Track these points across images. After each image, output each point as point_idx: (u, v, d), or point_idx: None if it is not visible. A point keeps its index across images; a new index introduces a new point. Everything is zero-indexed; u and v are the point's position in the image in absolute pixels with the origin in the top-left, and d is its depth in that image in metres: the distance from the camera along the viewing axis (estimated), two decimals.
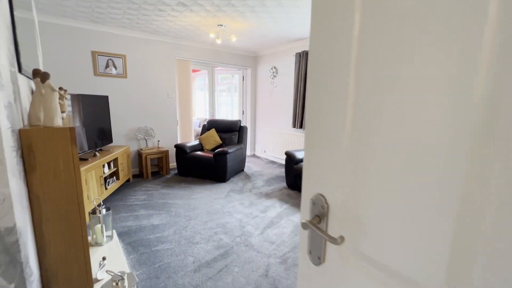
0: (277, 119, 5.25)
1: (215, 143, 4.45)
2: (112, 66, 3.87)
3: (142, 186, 3.71)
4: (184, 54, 4.57)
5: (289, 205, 3.07)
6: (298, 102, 4.50)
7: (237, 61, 5.34)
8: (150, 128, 4.30)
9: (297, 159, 3.50)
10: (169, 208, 2.95)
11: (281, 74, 5.02)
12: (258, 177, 4.24)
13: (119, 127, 4.06)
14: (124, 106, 4.07)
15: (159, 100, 4.41)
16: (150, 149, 4.22)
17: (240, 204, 3.09)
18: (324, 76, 0.52)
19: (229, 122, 4.59)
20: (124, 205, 3.01)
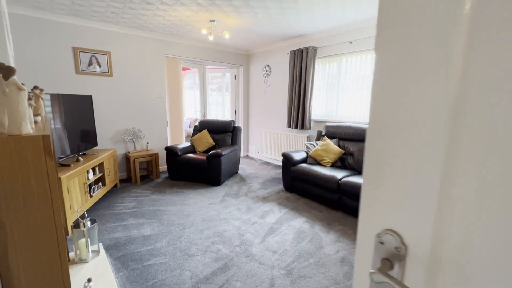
0: (271, 119, 5.11)
1: (208, 144, 4.26)
2: (95, 64, 3.61)
3: (131, 192, 3.48)
4: (173, 51, 4.35)
5: (288, 209, 2.94)
6: (293, 102, 4.38)
7: (229, 59, 5.16)
8: (138, 129, 4.06)
9: (295, 161, 3.38)
10: (161, 215, 2.75)
11: (275, 72, 4.89)
12: (253, 179, 4.08)
13: (104, 129, 3.79)
14: (110, 107, 3.81)
15: (147, 100, 4.17)
16: (138, 152, 3.98)
17: (237, 210, 2.93)
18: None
19: (222, 122, 4.41)
20: (111, 214, 2.78)
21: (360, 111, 3.69)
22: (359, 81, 3.64)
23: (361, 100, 3.66)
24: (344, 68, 3.83)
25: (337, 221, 2.67)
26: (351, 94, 3.79)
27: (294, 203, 3.12)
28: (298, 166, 3.32)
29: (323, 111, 4.20)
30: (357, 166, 3.22)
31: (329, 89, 4.06)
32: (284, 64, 4.66)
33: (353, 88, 3.74)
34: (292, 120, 4.45)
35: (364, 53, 3.53)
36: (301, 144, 4.41)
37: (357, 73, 3.66)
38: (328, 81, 4.06)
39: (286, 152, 3.49)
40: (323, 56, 4.02)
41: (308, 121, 4.22)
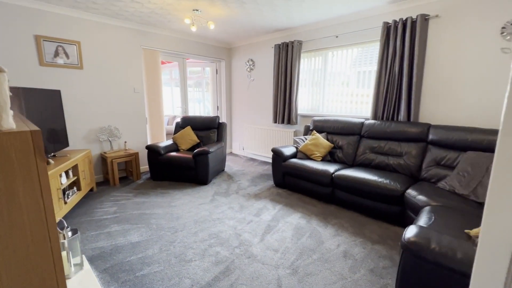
0: (255, 114, 5.01)
1: (192, 142, 4.05)
2: (63, 54, 3.22)
3: (110, 195, 3.19)
4: (151, 43, 4.05)
5: (282, 206, 2.88)
6: (279, 97, 4.32)
7: (210, 53, 4.95)
8: (115, 128, 3.73)
9: (285, 156, 3.32)
10: (148, 220, 2.54)
11: (259, 67, 4.78)
12: (241, 176, 3.97)
13: (76, 127, 3.43)
14: (82, 103, 3.44)
15: (124, 96, 3.85)
16: (115, 152, 3.67)
17: (230, 209, 2.81)
18: None
19: (206, 118, 4.22)
20: (90, 221, 2.51)
21: (346, 105, 3.73)
22: (345, 76, 3.68)
23: (347, 95, 3.71)
24: (330, 62, 3.85)
25: (332, 214, 2.66)
26: (337, 89, 3.82)
27: (287, 199, 3.07)
28: (289, 161, 3.27)
29: (309, 106, 4.19)
30: (346, 159, 3.25)
31: (315, 84, 4.06)
32: (269, 58, 4.57)
33: (339, 83, 3.77)
34: (278, 115, 4.39)
35: (350, 47, 3.56)
36: (287, 139, 4.38)
37: (342, 67, 3.69)
38: (314, 75, 4.06)
39: (276, 147, 3.42)
40: (309, 50, 4.00)
41: (295, 116, 4.19)
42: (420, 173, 2.65)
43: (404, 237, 1.27)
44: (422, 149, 2.73)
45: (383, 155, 2.98)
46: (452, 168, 2.44)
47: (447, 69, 2.75)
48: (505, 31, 2.38)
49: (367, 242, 2.16)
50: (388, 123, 3.01)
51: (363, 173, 2.67)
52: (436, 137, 2.63)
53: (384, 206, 2.46)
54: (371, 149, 3.09)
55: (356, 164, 3.17)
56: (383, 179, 2.48)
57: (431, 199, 2.05)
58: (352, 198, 2.69)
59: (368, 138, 3.19)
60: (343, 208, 2.81)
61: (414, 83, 2.90)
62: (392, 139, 2.97)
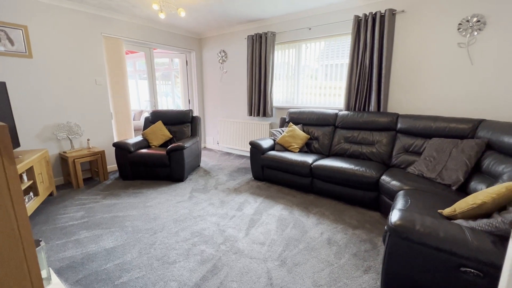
0: (230, 107, 4.91)
1: (164, 137, 3.84)
2: (6, 40, 2.78)
3: (74, 199, 2.88)
4: (113, 30, 3.69)
5: (263, 198, 2.88)
6: (254, 89, 4.27)
7: (179, 43, 4.68)
8: (75, 124, 3.37)
9: (264, 149, 3.31)
10: (122, 222, 2.35)
11: (232, 58, 4.66)
12: (218, 171, 3.88)
13: (28, 125, 3.01)
14: (33, 97, 3.03)
15: (84, 89, 3.47)
16: (77, 151, 3.32)
17: (210, 205, 2.72)
18: None
19: (178, 112, 4.01)
20: (54, 229, 2.24)
21: (320, 97, 3.82)
22: (318, 68, 3.75)
23: (320, 87, 3.79)
24: (303, 54, 3.88)
25: (313, 204, 2.73)
26: (310, 81, 3.88)
27: (267, 191, 3.07)
28: (268, 154, 3.26)
29: (284, 98, 4.21)
30: (323, 149, 3.35)
31: (289, 76, 4.08)
32: (242, 49, 4.47)
33: (313, 75, 3.83)
34: (253, 108, 4.35)
35: (323, 39, 3.63)
36: (263, 132, 4.37)
37: (316, 59, 3.75)
38: (288, 67, 4.07)
39: (254, 140, 3.39)
40: (283, 42, 3.99)
41: (270, 108, 4.18)
42: (391, 160, 2.83)
43: (391, 221, 1.33)
44: (392, 138, 2.91)
45: (356, 144, 3.12)
46: (419, 154, 2.64)
47: (413, 62, 2.94)
48: (461, 27, 2.60)
49: (348, 228, 2.25)
50: (360, 114, 3.15)
51: (340, 162, 2.77)
52: (404, 125, 2.82)
53: (360, 193, 2.58)
54: (345, 139, 3.22)
55: (332, 154, 3.28)
56: (359, 167, 2.60)
57: (404, 183, 2.20)
58: (330, 187, 2.78)
59: (342, 129, 3.30)
60: (322, 197, 2.90)
61: (383, 74, 3.05)
62: (364, 128, 3.12)
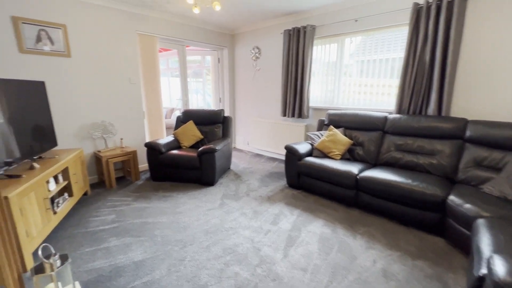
0: (262, 107, 4.66)
1: (195, 138, 3.71)
2: (47, 40, 2.80)
3: (107, 199, 2.85)
4: (147, 27, 3.62)
5: (301, 211, 2.59)
6: (289, 88, 3.96)
7: (212, 40, 4.52)
8: (109, 123, 3.36)
9: (301, 154, 3.01)
10: (152, 230, 2.23)
11: (266, 55, 4.39)
12: (249, 175, 3.66)
13: (65, 124, 3.04)
14: (71, 96, 3.05)
15: (118, 87, 3.45)
16: (111, 150, 3.30)
17: (242, 215, 2.51)
18: None
19: (210, 112, 3.86)
20: (85, 234, 2.19)
21: (365, 97, 3.41)
22: (365, 64, 3.33)
23: (366, 85, 3.37)
24: (347, 49, 3.49)
25: (358, 221, 2.38)
26: (354, 79, 3.48)
27: (304, 202, 2.78)
28: (305, 160, 2.96)
29: (323, 98, 3.86)
30: (368, 157, 2.96)
31: (329, 73, 3.71)
32: (277, 45, 4.18)
33: (357, 72, 3.43)
34: (288, 108, 4.05)
35: (371, 32, 3.20)
36: (298, 134, 4.06)
37: (361, 55, 3.34)
38: (329, 64, 3.70)
39: (290, 145, 3.10)
40: (323, 36, 3.62)
41: (306, 109, 3.86)
42: (457, 174, 2.37)
43: (497, 274, 0.98)
44: (458, 148, 2.45)
45: (411, 154, 2.68)
46: (496, 170, 2.16)
47: (486, 59, 2.43)
48: None
49: (406, 256, 1.89)
50: (416, 118, 2.71)
51: (392, 175, 2.38)
52: (475, 134, 2.34)
53: (418, 213, 2.18)
54: (396, 146, 2.80)
55: (379, 163, 2.88)
56: (418, 183, 2.20)
57: (481, 208, 1.78)
58: (379, 203, 2.41)
59: (393, 134, 2.88)
60: (369, 213, 2.54)
61: (447, 72, 2.58)
62: (421, 135, 2.68)
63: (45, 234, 1.99)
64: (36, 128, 2.40)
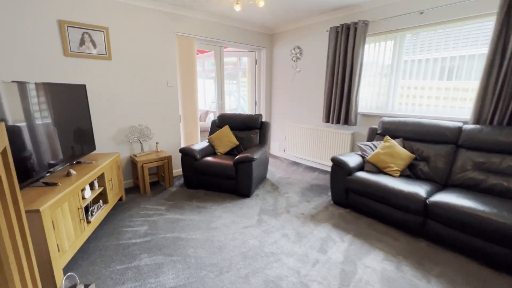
0: (301, 111, 4.31)
1: (231, 144, 3.49)
2: (89, 43, 2.79)
3: (140, 207, 2.75)
4: (186, 28, 3.50)
5: (352, 236, 2.21)
6: (334, 91, 3.57)
7: (250, 40, 4.30)
8: (146, 127, 3.28)
9: (350, 168, 2.61)
10: (185, 249, 2.03)
11: (307, 55, 4.04)
12: (287, 187, 3.34)
13: (104, 127, 3.02)
14: (110, 99, 3.01)
15: (156, 90, 3.37)
16: (146, 154, 3.22)
17: (284, 237, 2.20)
18: None
19: (246, 117, 3.62)
20: (117, 246, 2.06)
21: (429, 103, 2.89)
22: (429, 64, 2.82)
23: (430, 89, 2.86)
24: (405, 47, 3.00)
25: (428, 257, 1.93)
26: (414, 81, 2.98)
27: (355, 225, 2.39)
28: (356, 175, 2.56)
29: (374, 103, 3.39)
30: (435, 176, 2.46)
31: (383, 75, 3.25)
32: (321, 44, 3.81)
33: (419, 73, 2.92)
34: (332, 114, 3.65)
35: (440, 26, 2.69)
36: (343, 143, 3.63)
37: (426, 52, 2.84)
38: (383, 64, 3.23)
39: (338, 157, 2.72)
40: (377, 32, 3.17)
41: (354, 115, 3.43)
42: None
43: None
44: None
45: (498, 175, 2.14)
46: None
47: None
48: None
49: None
50: (506, 130, 2.16)
51: (477, 203, 1.89)
52: None
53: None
54: (476, 165, 2.27)
55: (452, 184, 2.37)
56: None
57: None
58: (455, 235, 1.93)
59: (470, 150, 2.36)
60: (441, 247, 2.06)
61: None
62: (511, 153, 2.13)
63: (78, 246, 1.88)
64: (77, 132, 2.35)
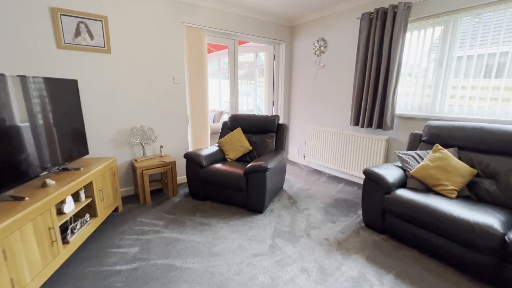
0: (324, 112, 3.79)
1: (243, 150, 3.06)
2: (86, 34, 2.49)
3: (136, 220, 2.39)
4: (195, 19, 3.13)
5: (394, 277, 1.67)
6: (366, 89, 3.02)
7: (267, 32, 3.85)
8: (149, 128, 2.94)
9: (389, 184, 2.07)
10: (178, 283, 1.61)
11: (333, 48, 3.52)
12: (307, 201, 2.84)
13: (101, 128, 2.71)
14: (109, 97, 2.70)
15: (161, 88, 3.03)
16: (148, 159, 2.88)
17: (303, 273, 1.72)
18: None
19: (261, 119, 3.17)
20: (96, 275, 1.69)
21: (494, 105, 2.27)
22: (496, 58, 2.21)
23: (495, 89, 2.24)
24: (461, 35, 2.40)
25: None
26: (471, 79, 2.36)
27: (397, 260, 1.84)
28: (397, 195, 2.01)
29: (416, 104, 2.80)
30: (507, 198, 1.85)
31: (428, 70, 2.66)
32: (350, 35, 3.27)
33: (479, 66, 2.31)
34: (362, 115, 3.10)
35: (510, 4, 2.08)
36: (375, 151, 3.07)
37: (491, 39, 2.22)
38: (429, 56, 2.65)
39: (372, 169, 2.19)
40: (421, 17, 2.60)
41: (391, 117, 2.86)
42: None
43: None
44: None
45: None
46: None
47: None
48: None
49: None
50: None
51: None
52: None
53: None
54: None
55: None
56: None
57: None
58: None
59: None
60: None
61: None
62: None
63: (48, 275, 1.53)
64: (65, 133, 2.04)
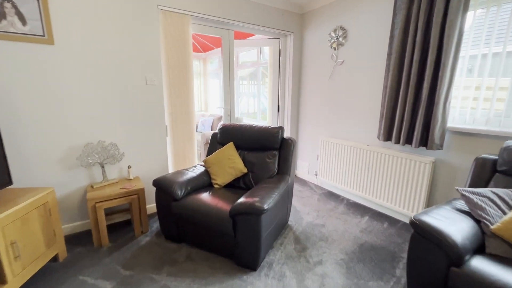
0: (342, 121, 2.99)
1: (234, 172, 2.30)
2: (14, 17, 1.80)
3: (77, 279, 1.68)
4: (175, 1, 2.41)
5: None
6: (404, 92, 2.20)
7: (271, 21, 3.09)
8: (112, 144, 2.23)
9: (459, 248, 1.26)
10: None
11: (355, 39, 2.72)
12: (321, 246, 2.05)
13: (39, 146, 2.00)
14: (53, 104, 2.00)
15: (128, 91, 2.31)
16: (111, 184, 2.18)
17: None
18: None
19: (260, 131, 2.40)
20: None
21: None
22: None
23: None
24: None
25: None
26: None
27: None
28: (478, 273, 1.20)
29: (478, 114, 1.97)
30: None
31: (495, 67, 1.82)
32: (379, 20, 2.47)
33: None
34: (397, 128, 2.28)
35: None
36: (415, 176, 2.25)
37: None
38: (504, 43, 1.81)
39: (425, 220, 1.38)
40: None
41: (440, 131, 2.03)
42: None
43: None
44: None
45: None
46: None
47: None
48: None
49: None
50: None
51: None
52: None
53: None
54: None
55: None
56: None
57: None
58: None
59: None
60: None
61: None
62: None
63: None
64: None
